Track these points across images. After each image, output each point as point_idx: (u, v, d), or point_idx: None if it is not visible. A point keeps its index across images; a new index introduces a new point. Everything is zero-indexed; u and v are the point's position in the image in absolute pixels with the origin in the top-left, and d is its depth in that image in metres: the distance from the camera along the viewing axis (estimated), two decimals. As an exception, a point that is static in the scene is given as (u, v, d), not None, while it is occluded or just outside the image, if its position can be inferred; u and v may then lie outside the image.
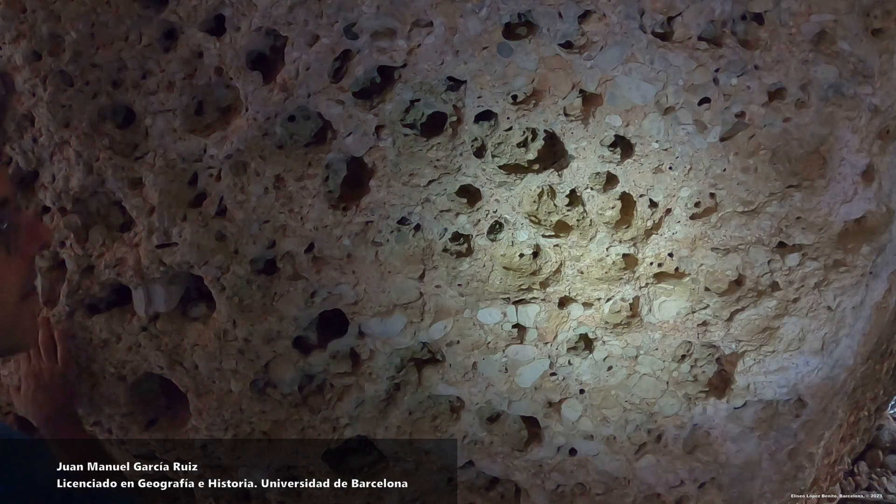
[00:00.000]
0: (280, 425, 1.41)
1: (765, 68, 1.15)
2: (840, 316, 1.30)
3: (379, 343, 1.36)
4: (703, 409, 1.38)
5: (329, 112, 1.22)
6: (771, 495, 1.46)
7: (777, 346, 1.32)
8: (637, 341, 1.34)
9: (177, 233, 1.28)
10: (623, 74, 1.18)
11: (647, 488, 1.45)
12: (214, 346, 1.33)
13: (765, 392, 1.36)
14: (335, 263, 1.30)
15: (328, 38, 1.17)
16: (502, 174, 1.25)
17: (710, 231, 1.25)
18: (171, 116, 1.23)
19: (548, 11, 1.15)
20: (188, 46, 1.20)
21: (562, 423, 1.41)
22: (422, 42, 1.18)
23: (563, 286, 1.32)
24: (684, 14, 1.14)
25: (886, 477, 2.31)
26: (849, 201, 1.21)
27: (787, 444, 1.41)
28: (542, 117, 1.22)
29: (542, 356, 1.36)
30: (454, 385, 1.39)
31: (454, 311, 1.34)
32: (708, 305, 1.30)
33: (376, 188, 1.26)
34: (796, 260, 1.26)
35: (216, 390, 1.37)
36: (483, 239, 1.30)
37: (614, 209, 1.25)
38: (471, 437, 1.44)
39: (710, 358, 1.36)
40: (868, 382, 1.68)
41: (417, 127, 1.25)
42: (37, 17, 1.19)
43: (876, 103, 1.16)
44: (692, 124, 1.20)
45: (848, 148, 1.18)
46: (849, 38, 1.12)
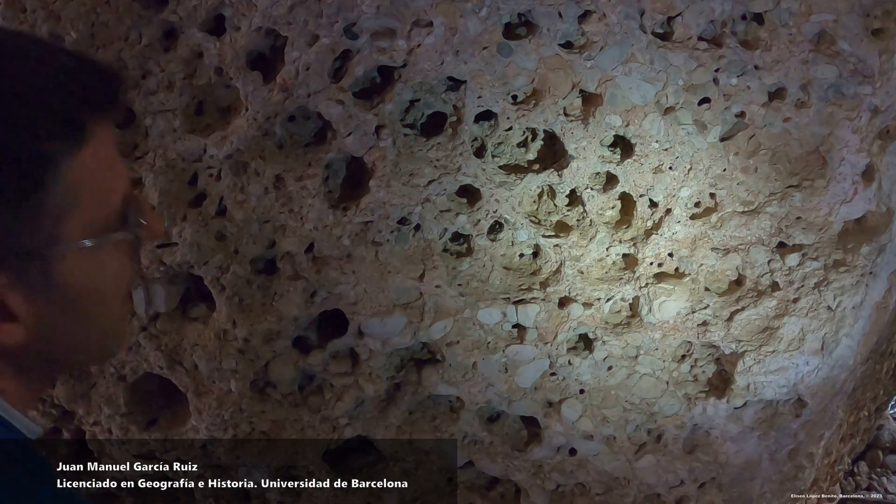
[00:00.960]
0: (280, 425, 1.41)
1: (765, 68, 1.15)
2: (840, 316, 1.30)
3: (379, 343, 1.35)
4: (703, 409, 1.38)
5: (329, 112, 1.22)
6: (771, 495, 1.46)
7: (777, 346, 1.32)
8: (637, 341, 1.34)
9: (177, 233, 1.28)
10: (623, 74, 1.18)
11: (647, 488, 1.45)
12: (214, 346, 1.33)
13: (765, 392, 1.36)
14: (335, 263, 1.30)
15: (328, 38, 1.17)
16: (502, 174, 1.25)
17: (710, 231, 1.25)
18: (171, 116, 1.23)
19: (548, 11, 1.15)
20: (188, 46, 1.20)
21: (562, 423, 1.41)
22: (422, 42, 1.18)
23: (563, 286, 1.32)
24: (684, 14, 1.14)
25: (886, 477, 2.31)
26: (849, 201, 1.21)
27: (787, 444, 1.40)
28: (542, 117, 1.21)
29: (542, 356, 1.36)
30: (454, 385, 1.39)
31: (454, 311, 1.34)
32: (708, 305, 1.30)
33: (376, 188, 1.26)
34: (796, 260, 1.26)
35: (216, 390, 1.37)
36: (483, 239, 1.29)
37: (614, 209, 1.25)
38: (471, 437, 1.43)
39: (710, 358, 1.36)
40: (868, 382, 1.68)
41: (417, 127, 1.25)
42: (37, 17, 1.19)
43: (876, 103, 1.16)
44: (692, 124, 1.20)
45: (848, 148, 1.18)
46: (849, 38, 1.12)
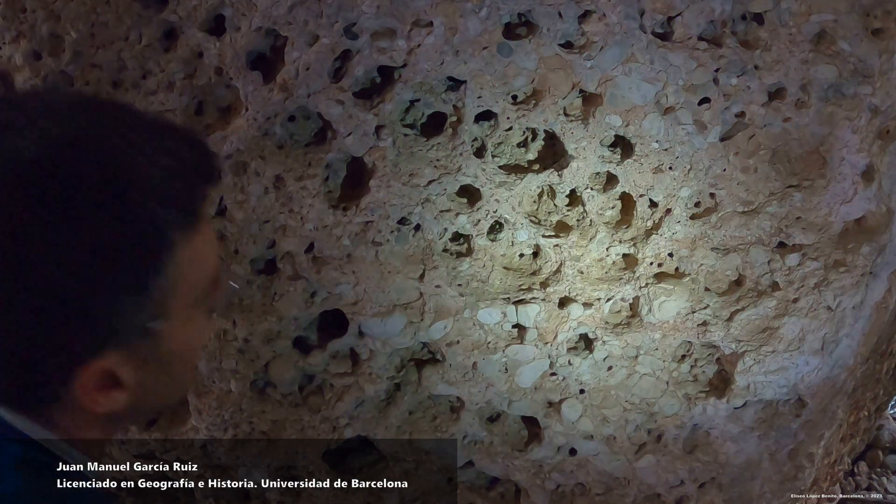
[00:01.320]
0: (280, 425, 1.41)
1: (765, 68, 1.15)
2: (840, 316, 1.30)
3: (379, 343, 1.35)
4: (703, 409, 1.38)
5: (329, 112, 1.22)
6: (771, 495, 1.46)
7: (777, 346, 1.32)
8: (637, 341, 1.34)
9: (177, 233, 1.28)
10: (623, 74, 1.18)
11: (648, 488, 1.44)
12: (214, 346, 1.33)
13: (765, 392, 1.36)
14: (335, 263, 1.30)
15: (328, 38, 1.17)
16: (502, 174, 1.25)
17: (710, 231, 1.25)
18: (171, 116, 1.23)
19: (548, 11, 1.15)
20: (188, 46, 1.20)
21: (562, 423, 1.40)
22: (422, 42, 1.18)
23: (563, 286, 1.32)
24: (684, 14, 1.14)
25: (886, 477, 2.31)
26: (849, 201, 1.21)
27: (787, 444, 1.40)
28: (542, 117, 1.21)
29: (542, 356, 1.36)
30: (454, 385, 1.39)
31: (454, 311, 1.34)
32: (708, 305, 1.30)
33: (376, 188, 1.26)
34: (796, 260, 1.26)
35: (216, 390, 1.37)
36: (483, 239, 1.29)
37: (614, 209, 1.25)
38: (471, 437, 1.43)
39: (710, 358, 1.36)
40: (868, 382, 1.68)
41: (417, 127, 1.25)
42: (37, 17, 1.19)
43: (876, 103, 1.16)
44: (692, 124, 1.19)
45: (848, 148, 1.18)
46: (849, 38, 1.12)
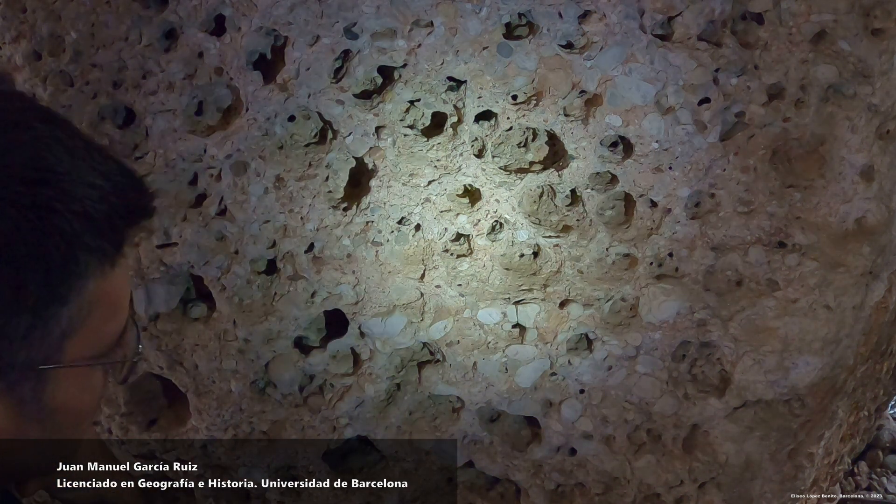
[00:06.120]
0: (280, 425, 1.41)
1: (765, 68, 1.15)
2: (840, 316, 1.30)
3: (379, 343, 1.36)
4: (702, 408, 1.38)
5: (329, 112, 1.22)
6: (771, 495, 1.46)
7: (777, 346, 1.32)
8: (637, 341, 1.34)
9: (177, 233, 1.28)
10: (623, 74, 1.18)
11: (647, 488, 1.44)
12: (214, 346, 1.33)
13: (765, 392, 1.36)
14: (335, 263, 1.30)
15: (328, 38, 1.17)
16: (502, 174, 1.25)
17: (710, 231, 1.25)
18: (172, 116, 1.23)
19: (548, 11, 1.15)
20: (188, 46, 1.20)
21: (561, 423, 1.41)
22: (422, 42, 1.18)
23: (563, 286, 1.32)
24: (684, 14, 1.14)
25: (886, 477, 2.31)
26: (849, 201, 1.21)
27: (787, 444, 1.40)
28: (542, 117, 1.22)
29: (542, 356, 1.36)
30: (454, 385, 1.39)
31: (454, 311, 1.34)
32: (707, 305, 1.30)
33: (376, 188, 1.26)
34: (796, 260, 1.25)
35: (216, 390, 1.37)
36: (483, 239, 1.29)
37: (614, 209, 1.25)
38: (471, 437, 1.43)
39: (710, 358, 1.36)
40: (868, 382, 1.68)
41: (417, 127, 1.25)
42: (37, 17, 1.19)
43: (876, 103, 1.16)
44: (692, 124, 1.20)
45: (848, 148, 1.18)
46: (849, 38, 1.12)
